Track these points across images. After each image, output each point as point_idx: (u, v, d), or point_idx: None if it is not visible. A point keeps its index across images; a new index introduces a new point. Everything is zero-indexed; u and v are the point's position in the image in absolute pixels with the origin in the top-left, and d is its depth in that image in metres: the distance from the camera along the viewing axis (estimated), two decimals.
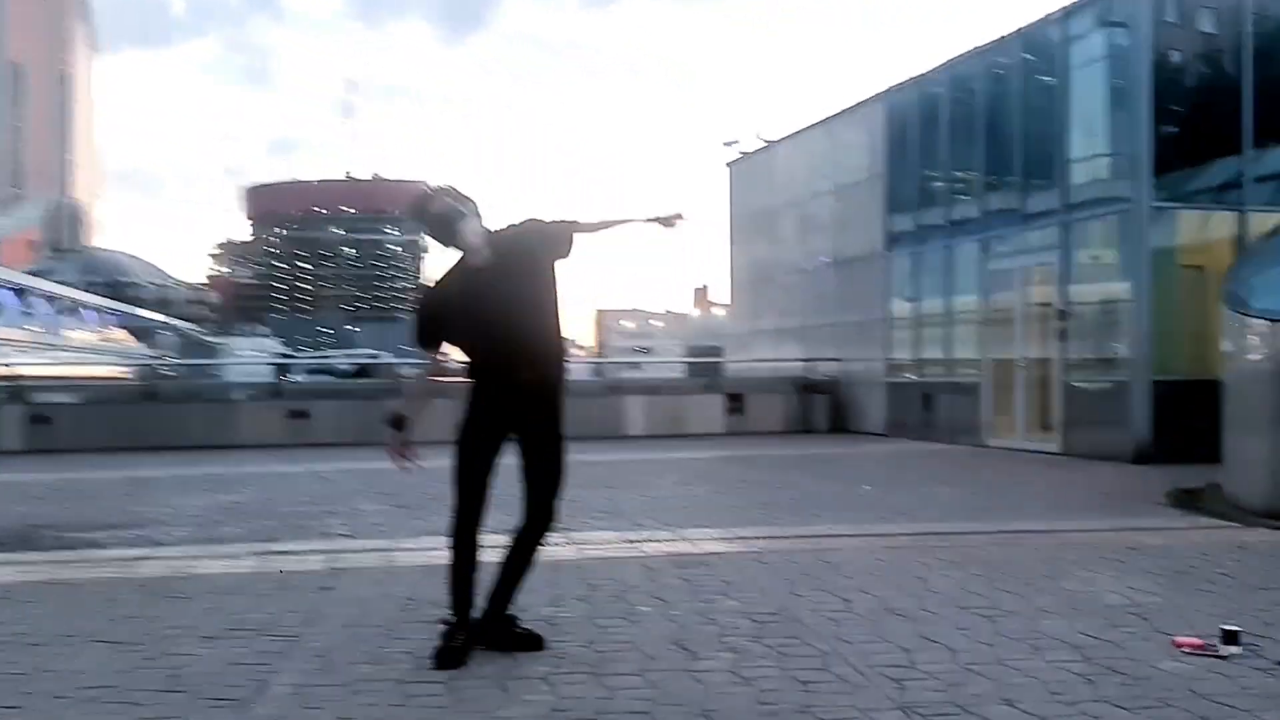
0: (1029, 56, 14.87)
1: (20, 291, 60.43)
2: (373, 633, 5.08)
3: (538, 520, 4.80)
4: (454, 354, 4.87)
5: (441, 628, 4.65)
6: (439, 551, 7.01)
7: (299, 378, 22.26)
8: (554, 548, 6.83)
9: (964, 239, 15.82)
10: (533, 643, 4.74)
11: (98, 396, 17.33)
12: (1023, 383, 14.64)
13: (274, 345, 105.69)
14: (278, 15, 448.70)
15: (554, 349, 4.73)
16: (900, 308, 17.38)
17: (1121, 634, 4.95)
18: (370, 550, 7.25)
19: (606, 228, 4.72)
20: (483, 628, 4.72)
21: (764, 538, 7.67)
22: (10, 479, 12.24)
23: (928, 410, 16.75)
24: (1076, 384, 13.83)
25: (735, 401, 18.54)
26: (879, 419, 17.82)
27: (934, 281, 16.57)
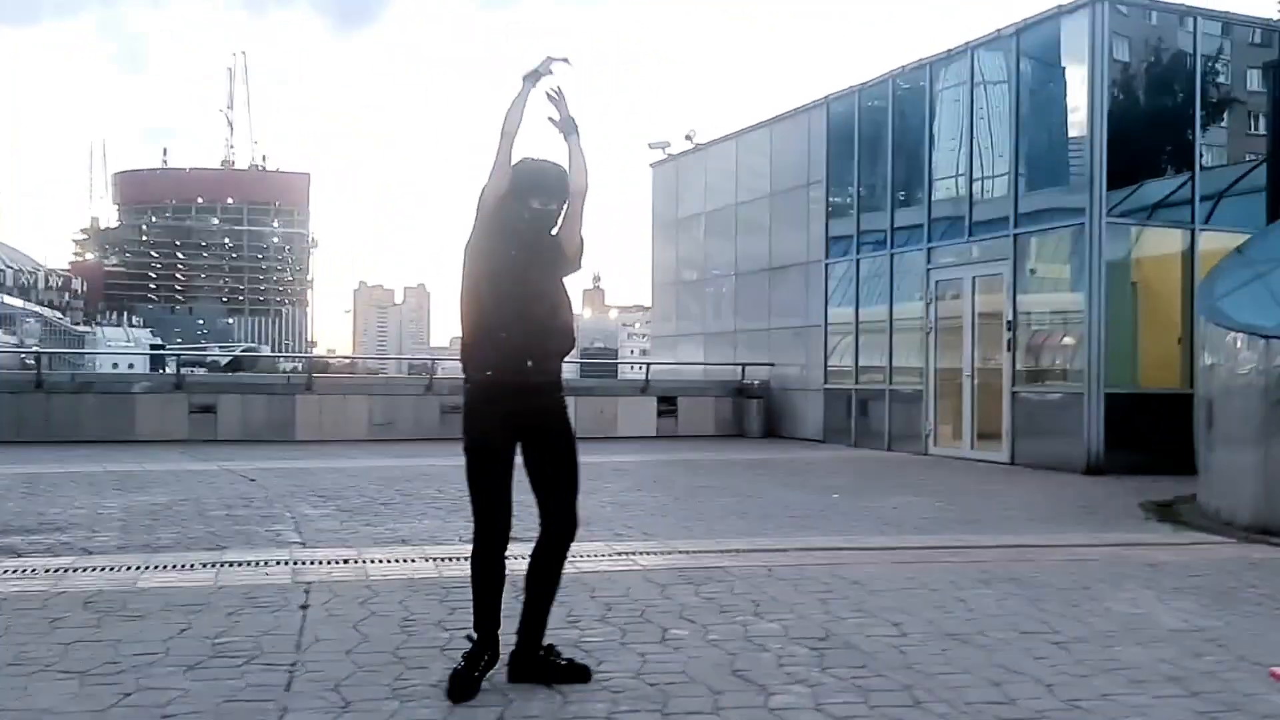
0: (982, 67, 14.68)
1: None
2: (382, 660, 4.41)
3: (561, 529, 4.28)
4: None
5: (466, 647, 4.09)
6: (418, 563, 6.46)
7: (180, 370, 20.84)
8: None
9: (908, 247, 15.59)
10: (579, 674, 4.17)
11: None
12: (969, 392, 14.45)
13: (147, 336, 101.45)
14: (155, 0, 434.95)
15: (566, 346, 4.31)
16: (838, 314, 17.09)
17: (1209, 663, 4.60)
18: (337, 561, 6.50)
19: (509, 134, 4.11)
20: (519, 660, 4.16)
21: (761, 550, 7.16)
22: None
23: (865, 417, 16.50)
24: (1026, 394, 13.68)
25: (668, 405, 18.06)
26: (815, 425, 17.51)
27: (875, 289, 16.31)
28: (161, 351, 54.36)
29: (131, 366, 30.45)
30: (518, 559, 4.30)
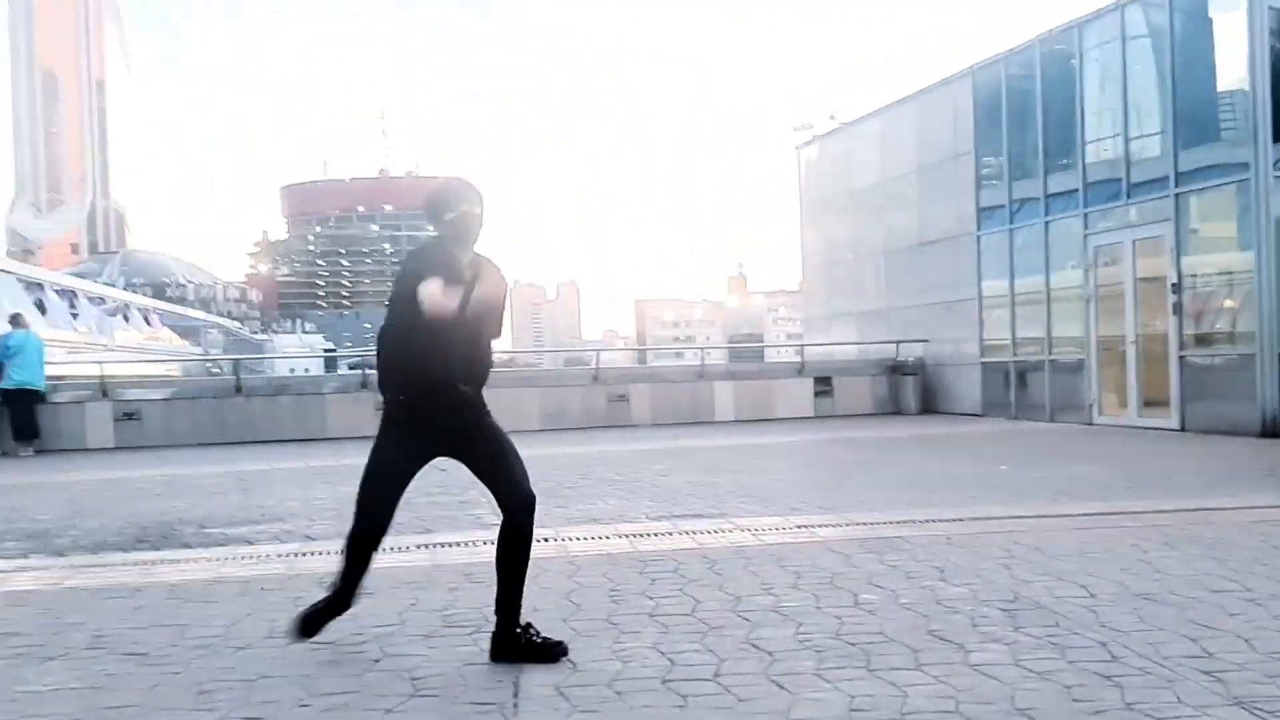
0: (1131, 24, 14.34)
1: (66, 293, 60.63)
2: (597, 626, 4.79)
3: (520, 505, 4.57)
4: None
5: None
6: (612, 540, 6.85)
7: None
8: (729, 533, 6.63)
9: (1063, 214, 15.34)
10: (553, 651, 4.29)
11: (185, 392, 17.15)
12: (1133, 358, 14.18)
13: (319, 341, 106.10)
14: (312, 17, 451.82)
15: (480, 372, 4.53)
16: (992, 286, 16.92)
17: None
18: (537, 540, 6.88)
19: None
20: (499, 640, 4.35)
21: (937, 520, 7.31)
22: (115, 475, 12.02)
23: (1025, 389, 16.34)
24: (1194, 358, 13.36)
25: (824, 385, 18.18)
26: (973, 400, 17.40)
27: (1029, 259, 16.10)
28: (335, 354, 56.96)
29: (308, 370, 32.08)
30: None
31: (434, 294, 4.09)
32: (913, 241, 18.83)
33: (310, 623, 4.55)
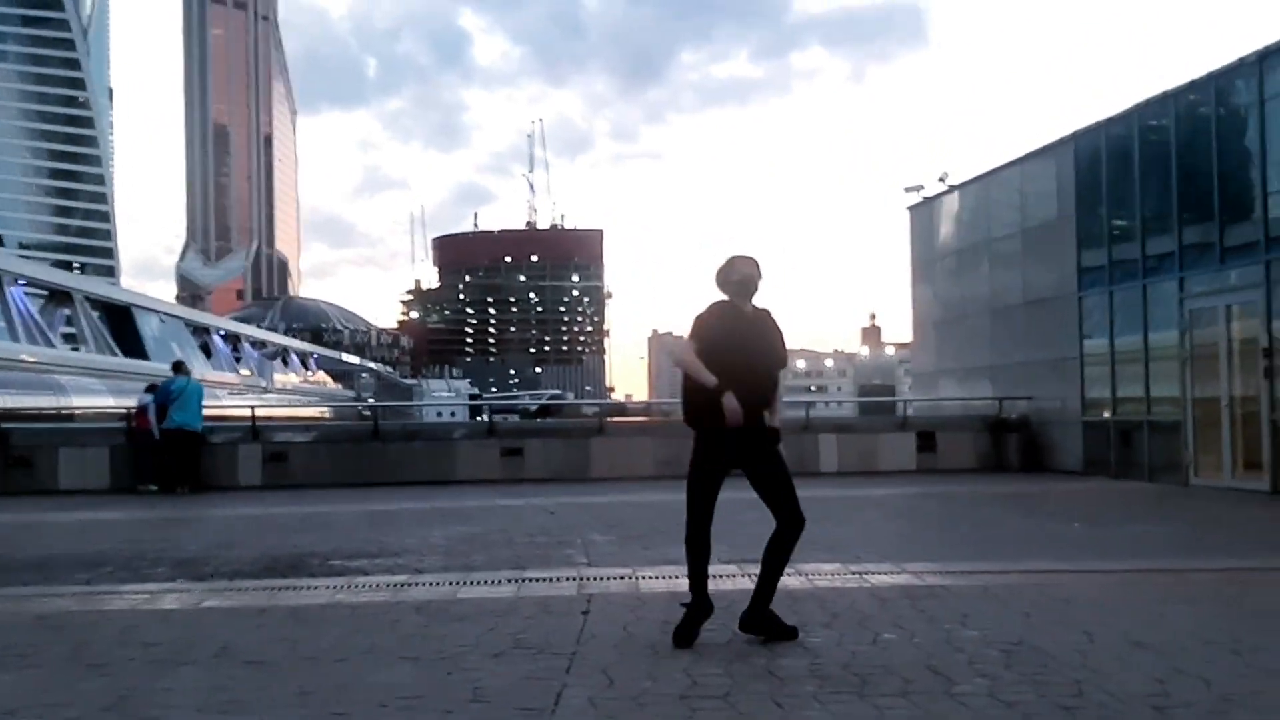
0: (1224, 96, 14.63)
1: (231, 337, 64.41)
2: (642, 651, 5.56)
3: (792, 523, 5.78)
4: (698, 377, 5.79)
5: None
6: (680, 579, 7.59)
7: (498, 417, 23.45)
8: (787, 578, 7.27)
9: (1160, 277, 15.56)
10: (789, 633, 5.71)
11: (327, 435, 18.62)
12: (1228, 421, 14.27)
13: (465, 386, 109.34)
14: (466, 74, 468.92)
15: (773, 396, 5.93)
16: (1094, 346, 17.14)
17: None
18: (615, 578, 7.76)
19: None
20: (751, 618, 5.74)
21: (985, 572, 7.83)
22: (261, 512, 13.34)
23: (1126, 448, 16.45)
24: None
25: (926, 440, 18.54)
26: (1074, 457, 17.56)
27: (1128, 320, 16.30)
28: (478, 401, 59.03)
29: (454, 415, 33.70)
30: None
31: (733, 409, 5.63)
32: (1017, 300, 19.14)
33: (683, 634, 5.65)
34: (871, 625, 6.08)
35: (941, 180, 21.41)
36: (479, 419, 26.82)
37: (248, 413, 18.86)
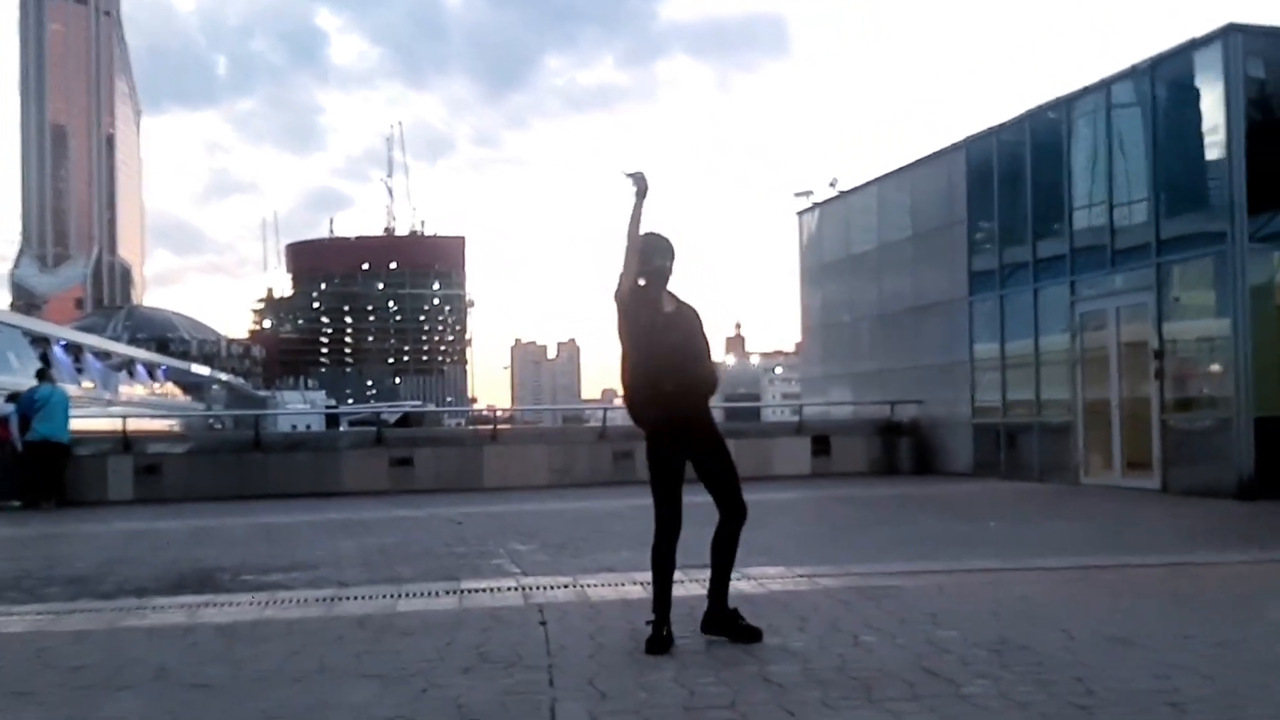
0: (1117, 101, 15.07)
1: (72, 348, 61.18)
2: (621, 661, 5.25)
3: (734, 513, 5.64)
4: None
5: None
6: (628, 587, 7.33)
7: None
8: (737, 583, 6.99)
9: (1051, 281, 15.95)
10: (754, 634, 5.50)
11: (204, 446, 17.66)
12: (1118, 422, 14.71)
13: (321, 398, 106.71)
14: (321, 74, 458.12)
15: (708, 386, 5.75)
16: (984, 350, 17.50)
17: None
18: (557, 586, 7.41)
19: (628, 262, 5.55)
20: (712, 618, 5.57)
21: (928, 571, 7.75)
22: (144, 526, 12.49)
23: (1014, 449, 16.84)
24: (1175, 422, 13.89)
25: (821, 444, 18.67)
26: (964, 460, 17.89)
27: (1019, 324, 16.68)
28: (336, 411, 57.50)
29: (309, 427, 32.67)
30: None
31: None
32: (908, 305, 19.44)
33: (656, 641, 5.36)
34: (844, 627, 5.91)
35: (832, 185, 21.65)
36: (368, 428, 25.93)
37: (117, 424, 17.72)
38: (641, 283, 5.61)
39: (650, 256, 5.58)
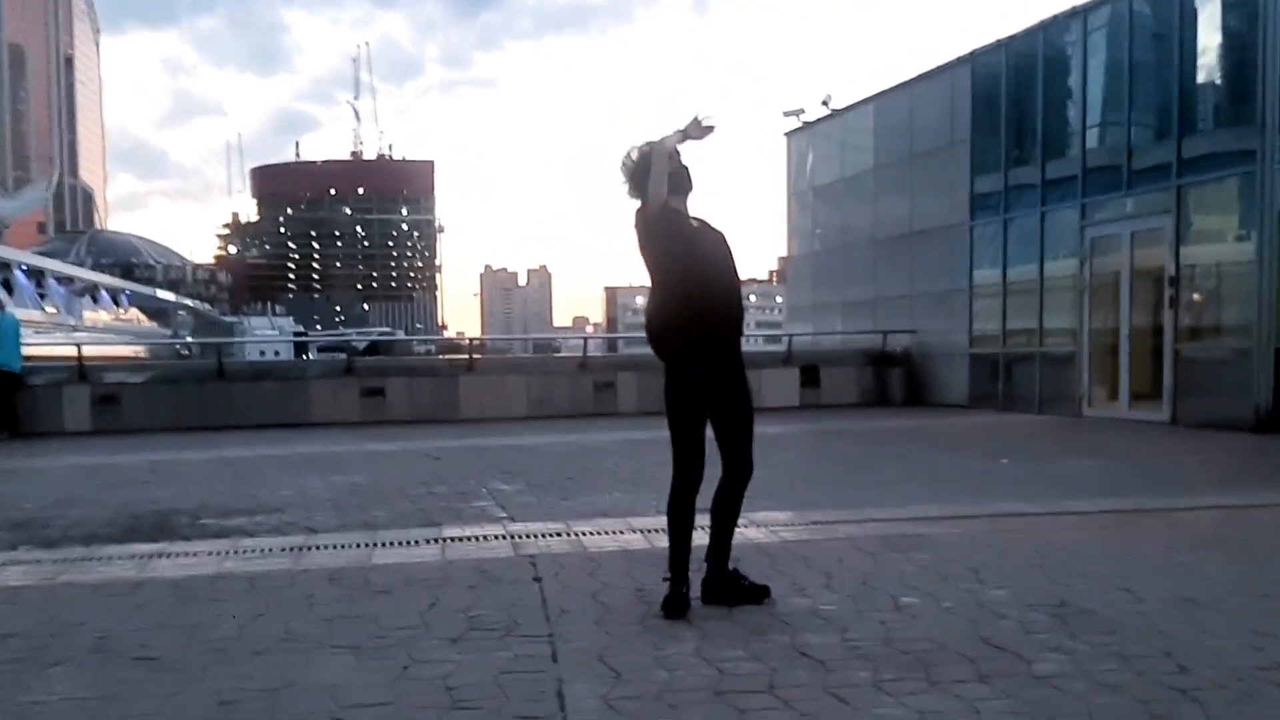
0: (1138, 11, 14.19)
1: (34, 273, 59.66)
2: (633, 630, 4.57)
3: (740, 470, 5.02)
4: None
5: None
6: (626, 535, 6.64)
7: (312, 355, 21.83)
8: (745, 530, 6.34)
9: (1060, 204, 15.20)
10: (762, 593, 4.96)
11: (165, 375, 16.74)
12: (1125, 351, 14.09)
13: (289, 324, 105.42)
14: None
15: (741, 309, 5.15)
16: (984, 276, 16.79)
17: None
18: (550, 535, 6.71)
19: (659, 176, 4.89)
20: (711, 584, 4.94)
21: (953, 517, 7.12)
22: (101, 461, 11.69)
23: (1012, 381, 16.24)
24: (1189, 352, 13.28)
25: (810, 375, 18.01)
26: (959, 391, 17.29)
27: (1023, 249, 15.96)
28: (304, 338, 56.48)
29: (278, 354, 31.76)
30: None
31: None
32: (904, 230, 18.65)
33: (673, 603, 4.76)
34: (877, 585, 5.26)
35: (824, 104, 20.65)
36: (338, 355, 25.08)
37: (72, 351, 16.76)
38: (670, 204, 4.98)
39: (679, 179, 5.03)
